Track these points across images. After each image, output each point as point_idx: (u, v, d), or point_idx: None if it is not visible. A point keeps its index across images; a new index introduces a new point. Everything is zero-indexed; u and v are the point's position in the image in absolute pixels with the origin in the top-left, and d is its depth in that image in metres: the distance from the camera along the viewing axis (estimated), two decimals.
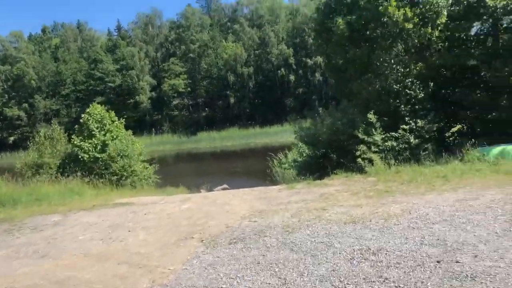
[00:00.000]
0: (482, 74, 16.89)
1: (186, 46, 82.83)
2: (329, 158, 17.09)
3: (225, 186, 22.57)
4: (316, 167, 17.39)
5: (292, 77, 76.51)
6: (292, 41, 78.75)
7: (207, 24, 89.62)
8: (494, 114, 15.72)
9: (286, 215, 9.91)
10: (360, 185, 12.73)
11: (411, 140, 15.19)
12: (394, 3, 15.09)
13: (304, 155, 19.57)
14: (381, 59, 16.07)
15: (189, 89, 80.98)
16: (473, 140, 14.50)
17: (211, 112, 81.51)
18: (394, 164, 14.69)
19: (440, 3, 14.85)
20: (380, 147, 15.28)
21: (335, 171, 15.16)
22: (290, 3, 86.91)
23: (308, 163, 18.19)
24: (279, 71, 77.09)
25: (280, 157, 26.61)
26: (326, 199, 11.28)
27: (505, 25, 18.00)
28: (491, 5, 14.66)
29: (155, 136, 73.89)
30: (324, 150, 17.35)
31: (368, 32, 16.52)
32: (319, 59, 63.62)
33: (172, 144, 69.30)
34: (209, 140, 68.50)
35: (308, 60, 74.72)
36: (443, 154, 14.65)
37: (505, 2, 14.74)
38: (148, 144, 46.17)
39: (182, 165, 50.73)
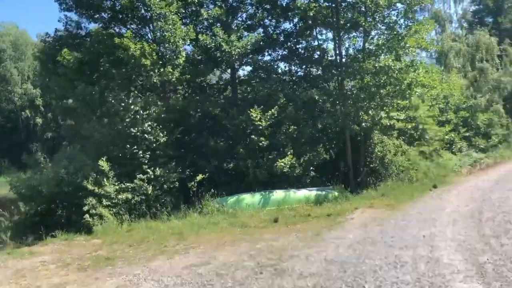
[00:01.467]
0: (223, 122, 16.71)
1: None
2: (52, 216, 13.73)
3: None
4: (34, 228, 13.65)
5: (39, 120, 67.69)
6: (40, 81, 70.33)
7: None
8: (233, 163, 15.44)
9: None
10: (78, 251, 9.94)
11: (149, 192, 13.36)
12: (130, 34, 13.46)
13: (22, 211, 15.44)
14: (117, 98, 14.01)
15: None
16: (212, 190, 13.66)
17: None
18: (128, 220, 12.53)
19: (177, 43, 13.97)
20: (113, 200, 12.91)
21: (53, 233, 11.95)
22: (38, 41, 78.20)
23: (23, 223, 14.23)
24: (23, 113, 67.20)
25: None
26: (20, 278, 8.05)
27: (242, 77, 18.78)
28: (226, 50, 14.59)
29: None
30: (45, 206, 13.85)
31: (102, 68, 14.43)
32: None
33: None
34: None
35: (59, 103, 67.66)
36: (183, 206, 13.30)
37: (239, 50, 14.92)
38: None
39: None
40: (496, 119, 27.37)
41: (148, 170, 13.83)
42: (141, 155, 14.01)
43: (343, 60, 17.33)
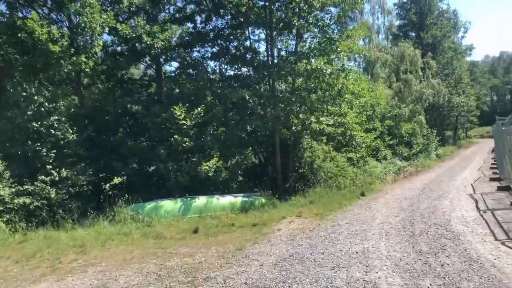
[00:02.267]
0: (144, 120, 15.30)
1: None
2: None
3: None
4: None
5: None
6: None
7: None
8: (153, 165, 14.09)
9: None
10: None
11: (52, 196, 11.64)
12: (35, 16, 11.71)
13: None
14: (18, 88, 12.15)
15: None
16: (127, 195, 12.20)
17: None
18: (24, 229, 10.76)
19: (94, 29, 12.40)
20: (8, 205, 11.05)
21: None
22: None
23: None
24: None
25: None
26: None
27: (168, 73, 17.48)
28: (148, 42, 13.24)
29: None
30: None
31: (2, 52, 12.50)
32: None
33: None
34: None
35: None
36: (92, 213, 11.72)
37: (163, 43, 13.63)
38: None
39: None
40: (418, 129, 28.44)
41: (53, 171, 12.09)
42: (45, 154, 12.23)
43: (275, 61, 16.70)
